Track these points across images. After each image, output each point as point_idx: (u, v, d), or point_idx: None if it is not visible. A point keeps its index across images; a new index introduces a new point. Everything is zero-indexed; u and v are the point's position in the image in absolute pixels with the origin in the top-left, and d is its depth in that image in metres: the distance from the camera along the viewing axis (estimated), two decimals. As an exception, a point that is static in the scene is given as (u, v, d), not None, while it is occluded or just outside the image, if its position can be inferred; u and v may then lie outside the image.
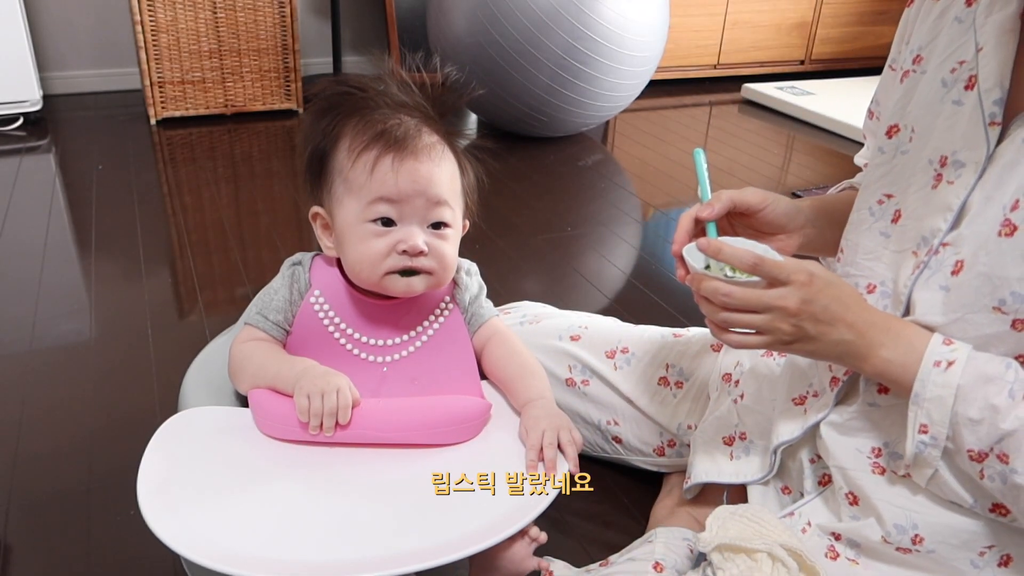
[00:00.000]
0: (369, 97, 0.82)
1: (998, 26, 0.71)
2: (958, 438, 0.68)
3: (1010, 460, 0.65)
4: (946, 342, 0.70)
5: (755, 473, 0.90)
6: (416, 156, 0.80)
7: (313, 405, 0.75)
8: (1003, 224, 0.68)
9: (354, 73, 0.87)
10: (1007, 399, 0.66)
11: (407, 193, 0.79)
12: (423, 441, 0.79)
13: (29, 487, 1.09)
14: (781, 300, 0.72)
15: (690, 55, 3.39)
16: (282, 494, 0.72)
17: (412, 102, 0.83)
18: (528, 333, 1.11)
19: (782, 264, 0.73)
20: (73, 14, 2.83)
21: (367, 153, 0.79)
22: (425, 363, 0.86)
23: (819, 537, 0.80)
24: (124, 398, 1.28)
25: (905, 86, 0.81)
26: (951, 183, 0.72)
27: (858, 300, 0.75)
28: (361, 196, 0.80)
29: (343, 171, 0.81)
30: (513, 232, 1.96)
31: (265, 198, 2.14)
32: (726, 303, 0.74)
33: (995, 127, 0.70)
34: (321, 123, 0.83)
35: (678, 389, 1.03)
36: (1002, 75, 0.70)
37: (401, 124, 0.80)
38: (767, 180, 2.43)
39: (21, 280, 1.64)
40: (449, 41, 2.45)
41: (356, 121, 0.81)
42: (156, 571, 0.96)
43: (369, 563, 0.64)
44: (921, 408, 0.70)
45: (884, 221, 0.80)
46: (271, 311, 0.85)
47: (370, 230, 0.80)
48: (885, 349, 0.72)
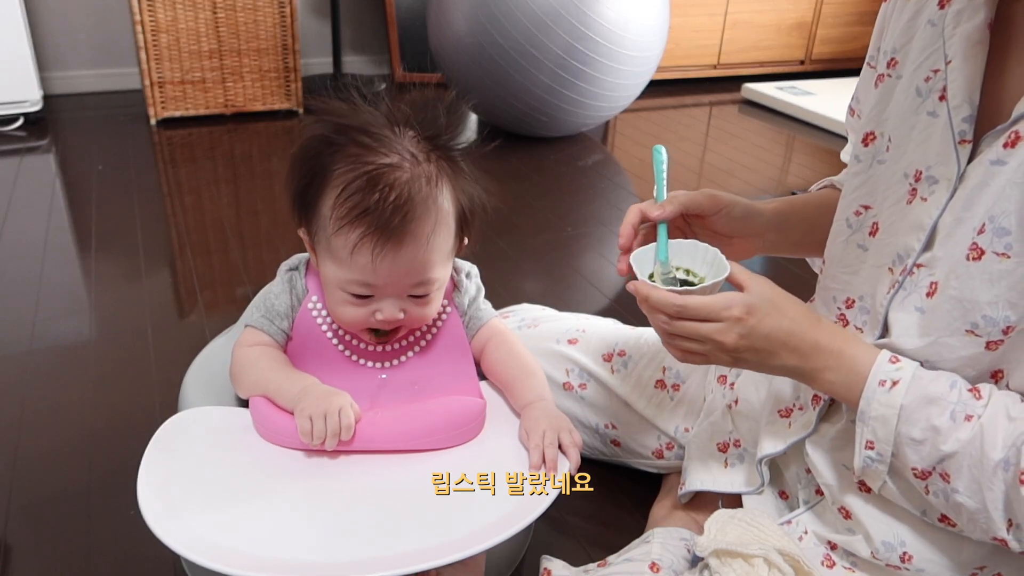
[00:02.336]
0: (363, 139, 0.76)
1: (966, 38, 0.68)
2: (902, 456, 0.68)
3: (951, 480, 0.66)
4: (892, 360, 0.70)
5: (748, 484, 0.90)
6: (400, 242, 0.75)
7: (316, 427, 0.74)
8: (971, 248, 0.66)
9: (367, 80, 0.82)
10: (948, 421, 0.65)
11: (385, 281, 0.78)
12: (423, 448, 0.79)
13: (29, 487, 1.09)
14: (719, 335, 0.72)
15: (690, 55, 3.39)
16: (282, 494, 0.72)
17: (407, 134, 0.78)
18: (526, 337, 1.10)
19: (710, 304, 0.72)
20: (73, 14, 2.83)
21: (350, 231, 0.74)
22: (424, 367, 0.86)
23: (816, 545, 0.80)
24: (124, 398, 1.28)
25: (880, 91, 0.78)
26: (925, 200, 0.70)
27: (804, 322, 0.73)
28: (340, 268, 0.78)
29: (326, 230, 0.77)
30: (513, 232, 1.96)
31: (265, 198, 2.14)
32: (666, 329, 0.74)
33: (965, 145, 0.67)
34: (309, 161, 0.78)
35: (675, 392, 1.03)
36: (971, 91, 0.67)
37: (392, 190, 0.74)
38: (767, 180, 2.43)
39: (21, 280, 1.64)
40: (449, 41, 2.45)
41: (345, 171, 0.75)
42: (156, 571, 0.96)
43: (369, 563, 0.64)
44: (867, 425, 0.70)
45: (862, 233, 0.78)
46: (276, 316, 0.84)
47: (348, 298, 0.79)
48: (829, 372, 0.72)
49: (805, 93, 3.16)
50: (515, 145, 2.57)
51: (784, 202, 0.93)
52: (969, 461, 0.64)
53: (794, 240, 0.92)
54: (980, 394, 0.66)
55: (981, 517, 0.65)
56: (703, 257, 0.80)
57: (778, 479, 0.90)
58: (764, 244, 0.91)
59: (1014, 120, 0.64)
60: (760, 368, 0.75)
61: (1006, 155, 0.64)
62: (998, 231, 0.64)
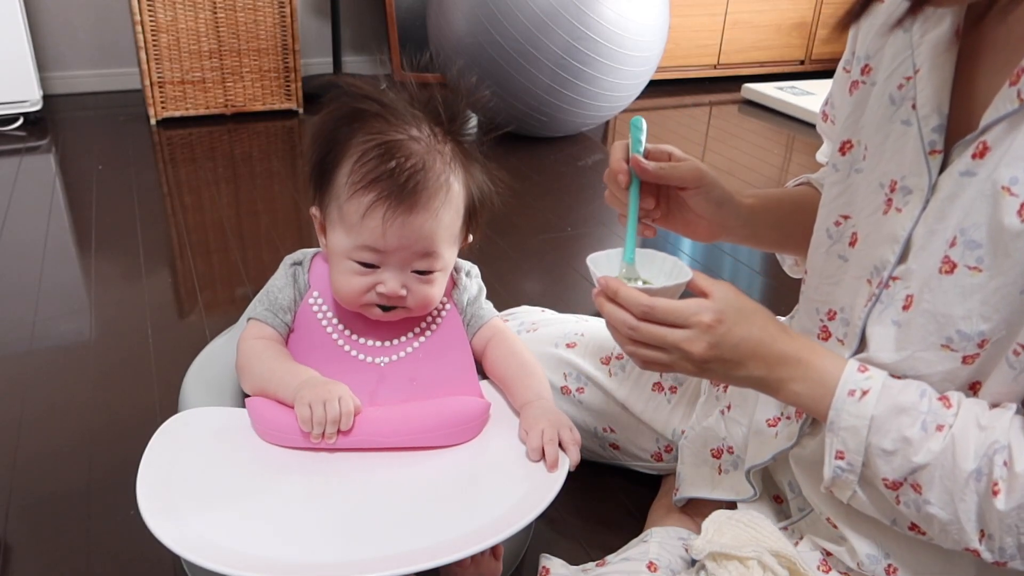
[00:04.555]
0: (384, 112, 0.79)
1: (933, 46, 0.66)
2: (873, 467, 0.67)
3: (923, 491, 0.64)
4: (861, 369, 0.68)
5: (741, 492, 0.89)
6: (412, 209, 0.77)
7: (315, 414, 0.74)
8: (943, 261, 0.64)
9: (371, 78, 0.84)
10: (920, 431, 0.64)
11: (393, 247, 0.78)
12: (424, 444, 0.79)
13: (29, 487, 1.09)
14: (687, 344, 0.69)
15: (690, 55, 3.39)
16: (281, 494, 0.72)
17: (425, 116, 0.80)
18: (525, 341, 1.10)
19: (679, 308, 0.69)
20: (73, 14, 2.83)
21: (363, 195, 0.76)
22: (423, 364, 0.86)
23: (812, 550, 0.79)
24: (124, 398, 1.28)
25: (855, 99, 0.76)
26: (899, 211, 0.69)
27: (771, 331, 0.71)
28: (350, 234, 0.79)
29: (339, 198, 0.79)
30: (513, 232, 1.96)
31: (265, 198, 2.14)
32: (630, 335, 0.71)
33: (936, 155, 0.66)
34: (329, 133, 0.81)
35: (672, 394, 1.03)
36: (940, 100, 0.66)
37: (408, 159, 0.77)
38: (767, 180, 2.43)
39: (21, 280, 1.64)
40: (449, 41, 2.45)
41: (364, 141, 0.78)
42: (156, 571, 0.96)
43: (369, 563, 0.64)
44: (837, 436, 0.68)
45: (842, 244, 0.77)
46: (279, 309, 0.86)
47: (353, 267, 0.80)
48: (795, 383, 0.70)
49: (805, 93, 3.16)
50: (515, 145, 2.57)
51: (758, 199, 0.91)
52: (941, 472, 0.63)
53: (761, 236, 0.91)
54: (950, 403, 0.65)
55: (953, 528, 0.63)
56: (661, 267, 0.79)
57: (772, 485, 0.90)
58: (732, 236, 0.89)
59: (982, 130, 0.62)
60: (725, 379, 0.73)
61: (975, 166, 0.63)
62: (969, 244, 0.63)
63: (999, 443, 0.61)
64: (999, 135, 0.61)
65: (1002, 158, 0.61)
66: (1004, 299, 0.61)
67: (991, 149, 0.62)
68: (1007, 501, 0.60)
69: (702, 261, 1.89)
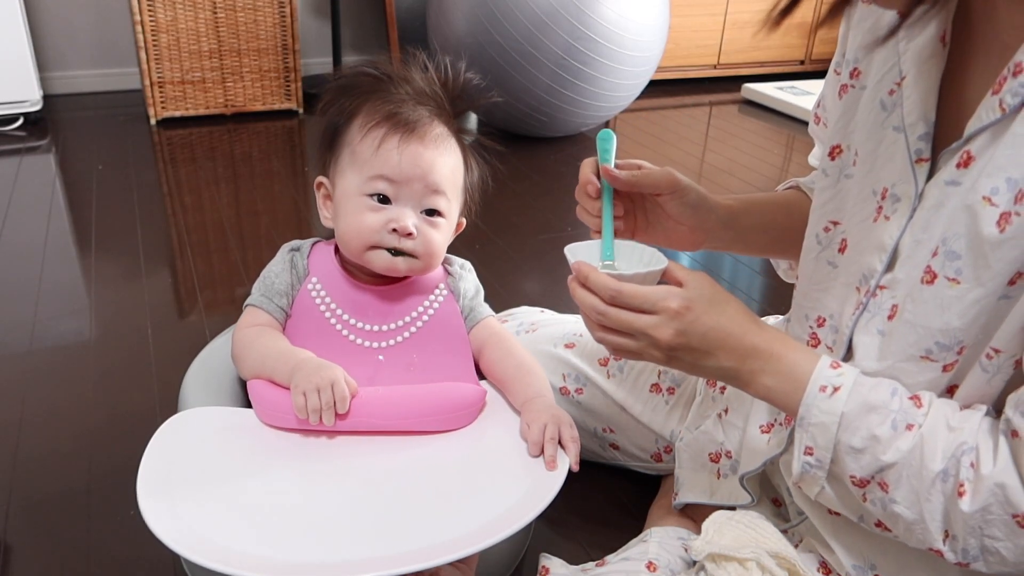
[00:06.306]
0: (392, 82, 0.86)
1: (918, 53, 0.66)
2: (841, 464, 0.66)
3: (889, 490, 0.64)
4: (833, 365, 0.68)
5: (738, 499, 0.89)
6: (422, 141, 0.83)
7: (310, 402, 0.75)
8: (926, 271, 0.63)
9: (381, 59, 0.89)
10: (889, 430, 0.63)
11: (407, 175, 0.82)
12: (420, 428, 0.80)
13: (29, 487, 1.09)
14: (653, 330, 0.68)
15: (690, 55, 3.39)
16: (282, 494, 0.72)
17: (431, 92, 0.86)
18: (524, 342, 1.09)
19: (646, 293, 0.68)
20: (73, 14, 2.83)
21: (377, 130, 0.82)
22: (421, 349, 0.87)
23: (810, 552, 0.79)
24: (124, 398, 1.28)
25: (845, 102, 0.75)
26: (888, 219, 0.68)
27: (743, 322, 0.70)
28: (363, 170, 0.83)
29: (352, 143, 0.84)
30: (513, 232, 1.96)
31: (265, 198, 2.14)
32: (599, 320, 0.71)
33: (923, 164, 0.65)
34: (341, 100, 0.86)
35: (670, 396, 1.03)
36: (926, 108, 0.65)
37: (415, 110, 0.84)
38: (767, 180, 2.43)
39: (21, 280, 1.64)
40: (449, 41, 2.45)
41: (374, 100, 0.85)
42: (156, 571, 0.96)
43: (369, 563, 0.64)
44: (806, 432, 0.67)
45: (831, 250, 0.76)
46: (275, 294, 0.87)
47: (365, 204, 0.83)
48: (766, 376, 0.69)
49: (805, 93, 3.16)
50: (515, 145, 2.57)
51: (739, 201, 0.90)
52: (908, 471, 0.62)
53: (748, 240, 0.90)
54: (921, 402, 0.64)
55: (918, 528, 0.63)
56: (639, 257, 0.78)
57: (772, 488, 0.90)
58: (716, 241, 0.88)
59: (966, 139, 0.61)
60: (694, 369, 0.72)
61: (959, 175, 0.62)
62: (949, 255, 0.62)
63: (967, 444, 0.60)
64: (983, 145, 0.61)
65: (984, 168, 0.60)
66: (983, 310, 0.61)
67: (975, 159, 0.61)
68: (972, 503, 0.59)
69: (702, 261, 1.89)
